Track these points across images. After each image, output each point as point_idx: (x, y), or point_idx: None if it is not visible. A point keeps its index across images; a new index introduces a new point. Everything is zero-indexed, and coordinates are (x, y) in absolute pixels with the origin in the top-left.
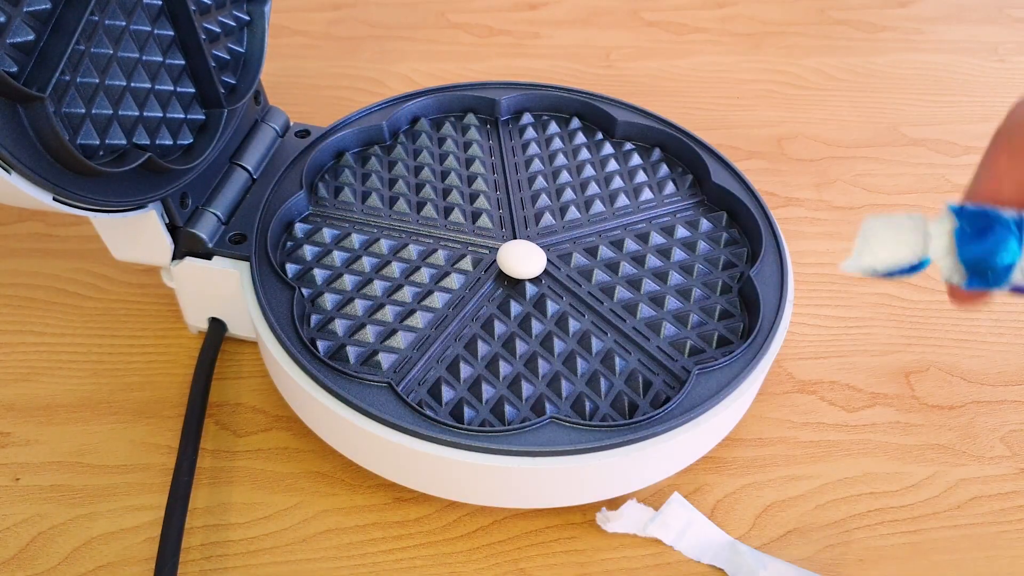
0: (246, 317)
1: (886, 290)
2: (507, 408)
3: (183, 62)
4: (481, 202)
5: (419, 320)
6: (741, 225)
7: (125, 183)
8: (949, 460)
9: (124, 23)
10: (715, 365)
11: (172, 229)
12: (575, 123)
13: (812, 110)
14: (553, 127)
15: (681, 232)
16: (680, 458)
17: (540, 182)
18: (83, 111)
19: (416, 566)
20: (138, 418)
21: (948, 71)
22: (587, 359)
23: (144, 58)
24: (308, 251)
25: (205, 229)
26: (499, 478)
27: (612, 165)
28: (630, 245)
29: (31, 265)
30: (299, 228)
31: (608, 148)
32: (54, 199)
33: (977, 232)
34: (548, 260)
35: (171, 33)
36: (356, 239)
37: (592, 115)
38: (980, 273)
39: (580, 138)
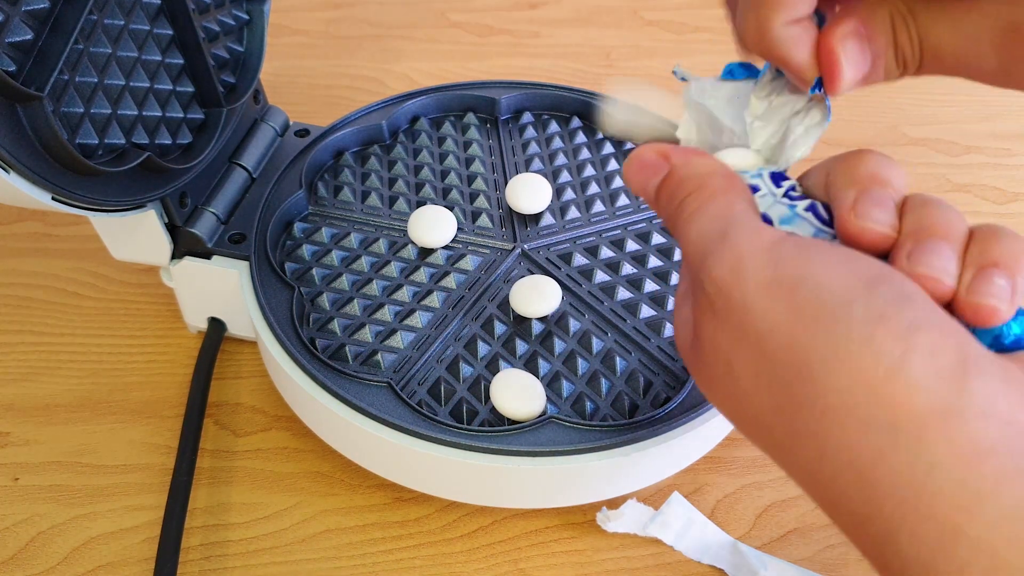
0: (245, 317)
1: None
2: None
3: (182, 61)
4: (481, 202)
5: (419, 320)
6: None
7: (124, 182)
8: None
9: (123, 22)
10: None
11: (171, 228)
12: (575, 122)
13: None
14: (553, 126)
15: None
16: (680, 458)
17: None
18: (82, 110)
19: (416, 566)
20: (137, 418)
21: None
22: (587, 359)
23: (143, 57)
24: (307, 250)
25: (204, 228)
26: (499, 478)
27: (613, 164)
28: (631, 245)
29: (31, 265)
30: (298, 227)
31: (609, 147)
32: (53, 199)
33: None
34: (548, 260)
35: (170, 32)
36: (355, 238)
37: (592, 114)
38: None
39: (580, 137)
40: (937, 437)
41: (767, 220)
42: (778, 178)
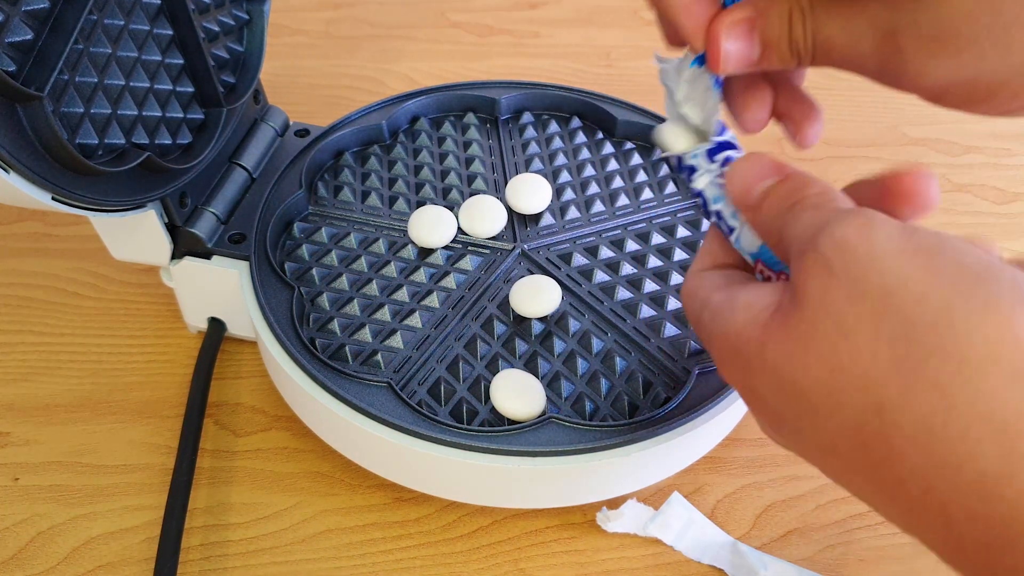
0: (245, 317)
1: None
2: None
3: (182, 61)
4: None
5: (418, 320)
6: None
7: (124, 182)
8: None
9: (123, 22)
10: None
11: (171, 228)
12: (575, 122)
13: None
14: (553, 126)
15: (682, 232)
16: (680, 458)
17: None
18: (81, 110)
19: (416, 566)
20: (137, 418)
21: None
22: (587, 359)
23: (143, 57)
24: (307, 250)
25: (204, 228)
26: (499, 478)
27: (612, 165)
28: (631, 245)
29: (31, 265)
30: (298, 227)
31: (608, 147)
32: (53, 199)
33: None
34: (548, 260)
35: (170, 32)
36: (355, 238)
37: (592, 114)
38: None
39: (580, 137)
40: None
41: (702, 198)
42: (712, 152)
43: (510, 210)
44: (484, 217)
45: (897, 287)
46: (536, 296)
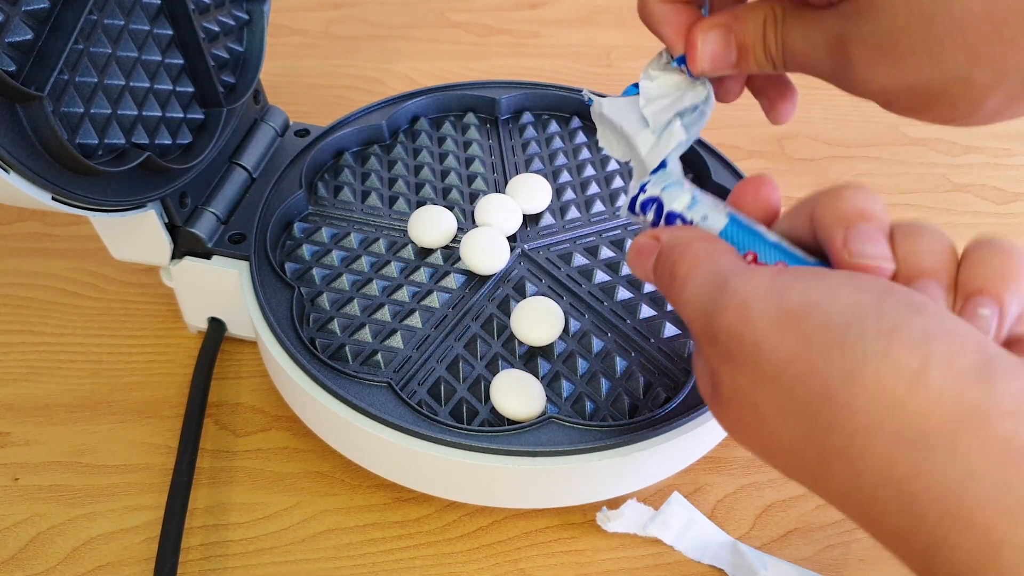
0: (245, 317)
1: None
2: None
3: (182, 61)
4: None
5: (418, 320)
6: None
7: (124, 182)
8: None
9: (123, 22)
10: None
11: (171, 228)
12: (575, 122)
13: (813, 109)
14: (553, 126)
15: None
16: (680, 458)
17: None
18: (81, 110)
19: (416, 566)
20: (137, 418)
21: None
22: (587, 359)
23: (143, 57)
24: (307, 250)
25: (204, 228)
26: (499, 478)
27: (613, 165)
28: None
29: (31, 265)
30: (298, 227)
31: None
32: (53, 199)
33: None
34: (548, 260)
35: (170, 32)
36: (355, 238)
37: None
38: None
39: (580, 137)
40: (970, 444)
41: (672, 216)
42: (639, 204)
43: None
44: (501, 216)
45: (784, 366)
46: (536, 324)
